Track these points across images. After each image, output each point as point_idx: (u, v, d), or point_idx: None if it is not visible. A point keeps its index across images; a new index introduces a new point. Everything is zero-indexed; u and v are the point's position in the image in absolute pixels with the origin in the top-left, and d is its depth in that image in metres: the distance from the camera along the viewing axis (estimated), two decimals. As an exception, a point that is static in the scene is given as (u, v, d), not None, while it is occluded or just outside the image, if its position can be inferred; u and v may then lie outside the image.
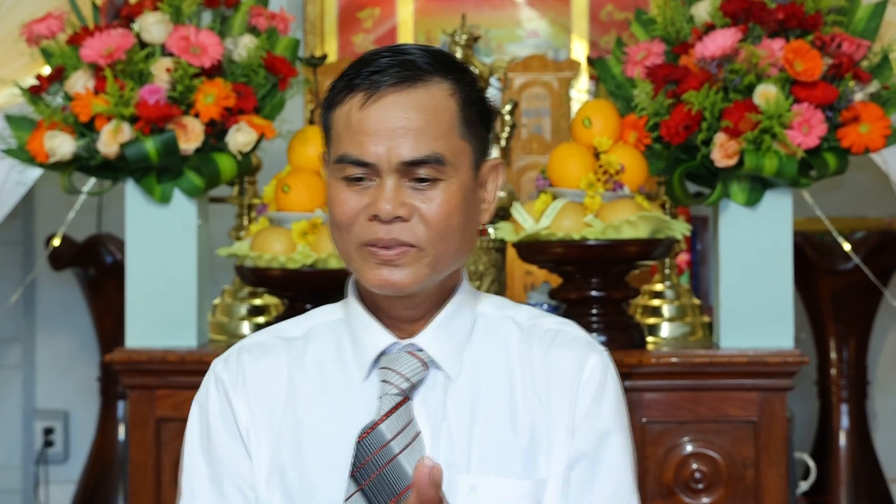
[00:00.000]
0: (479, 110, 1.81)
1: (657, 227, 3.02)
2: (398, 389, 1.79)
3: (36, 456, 5.12)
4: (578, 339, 1.87)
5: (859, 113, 2.95)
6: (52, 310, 5.19)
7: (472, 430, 1.79)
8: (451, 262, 1.80)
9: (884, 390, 5.10)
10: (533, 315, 1.90)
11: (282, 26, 3.22)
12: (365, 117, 1.75)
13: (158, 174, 3.11)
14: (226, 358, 1.91)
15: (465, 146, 1.78)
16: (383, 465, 1.77)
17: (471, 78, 1.82)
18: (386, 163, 1.74)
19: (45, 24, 3.16)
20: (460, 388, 1.81)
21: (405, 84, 1.75)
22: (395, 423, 1.78)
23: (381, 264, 1.77)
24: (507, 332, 1.86)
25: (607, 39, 4.92)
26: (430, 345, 1.82)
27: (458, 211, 1.76)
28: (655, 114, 3.02)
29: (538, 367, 1.83)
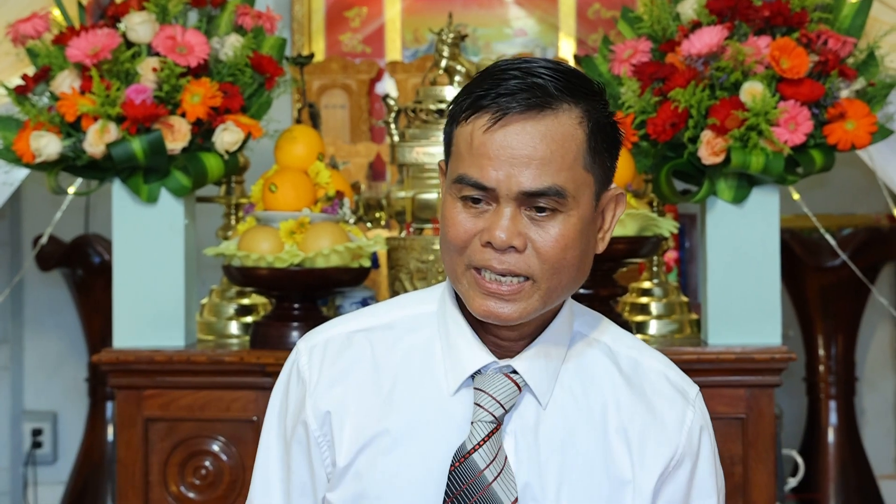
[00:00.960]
0: (607, 138, 1.74)
1: (645, 224, 3.02)
2: (492, 417, 1.74)
3: (24, 457, 5.12)
4: (673, 384, 1.84)
5: (845, 110, 2.95)
6: (40, 310, 5.18)
7: (562, 464, 1.76)
8: (564, 293, 1.74)
9: (872, 387, 5.11)
10: (629, 346, 1.86)
11: (268, 25, 3.22)
12: (489, 141, 1.69)
13: (145, 174, 3.11)
14: (310, 350, 1.84)
15: (589, 178, 1.72)
16: (477, 493, 1.73)
17: (602, 103, 1.75)
18: (505, 189, 1.68)
19: (31, 23, 3.16)
20: (552, 417, 1.77)
21: (534, 111, 1.69)
22: (488, 452, 1.74)
23: (489, 295, 1.71)
24: (600, 359, 1.82)
25: (595, 37, 4.93)
26: (527, 368, 1.77)
27: (574, 245, 1.70)
28: (642, 111, 3.03)
29: (633, 409, 1.80)
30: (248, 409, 3.06)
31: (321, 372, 1.81)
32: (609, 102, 1.78)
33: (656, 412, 1.80)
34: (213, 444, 3.08)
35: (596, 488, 1.76)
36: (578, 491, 1.75)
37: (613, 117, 1.77)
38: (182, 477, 3.08)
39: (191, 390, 3.08)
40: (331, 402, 1.80)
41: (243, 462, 3.07)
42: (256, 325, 3.17)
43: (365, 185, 3.66)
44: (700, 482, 1.82)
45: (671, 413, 1.81)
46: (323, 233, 3.07)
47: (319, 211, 3.12)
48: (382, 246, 3.18)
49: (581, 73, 1.76)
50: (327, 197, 3.13)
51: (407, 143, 3.32)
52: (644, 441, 1.78)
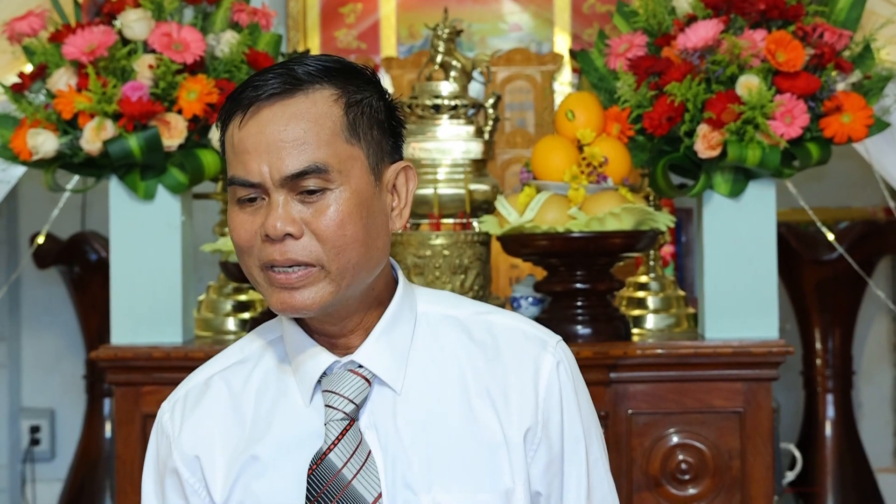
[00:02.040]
0: (374, 113, 1.73)
1: (641, 218, 3.02)
2: (342, 414, 1.72)
3: (22, 454, 5.12)
4: (530, 336, 1.80)
5: (841, 103, 2.95)
6: (37, 308, 5.18)
7: (428, 445, 1.73)
8: (357, 274, 1.70)
9: (869, 380, 5.12)
10: (478, 311, 1.82)
11: (264, 22, 3.22)
12: (245, 136, 1.68)
13: (142, 171, 3.11)
14: (172, 407, 1.85)
15: (355, 151, 1.69)
16: (338, 493, 1.71)
17: (362, 80, 1.74)
18: (270, 180, 1.67)
19: (27, 21, 3.15)
20: (409, 402, 1.75)
21: (282, 96, 1.68)
22: (344, 449, 1.72)
23: (282, 288, 1.69)
24: (451, 333, 1.79)
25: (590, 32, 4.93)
26: (370, 360, 1.74)
27: (352, 219, 1.68)
28: (638, 105, 3.03)
29: (491, 370, 1.77)
30: (247, 406, 3.06)
31: (182, 422, 1.82)
32: (380, 83, 1.77)
33: (514, 365, 1.77)
34: (212, 440, 3.08)
35: (470, 460, 1.73)
36: (450, 466, 1.72)
37: (388, 97, 1.76)
38: (180, 473, 3.08)
39: (189, 387, 3.07)
40: (196, 447, 1.80)
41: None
42: (254, 321, 3.17)
43: (361, 180, 3.66)
44: (570, 435, 1.79)
45: (529, 362, 1.77)
46: (320, 229, 3.06)
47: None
48: (379, 241, 3.18)
49: (343, 59, 1.76)
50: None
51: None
52: (507, 396, 1.75)
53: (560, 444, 1.77)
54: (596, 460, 1.81)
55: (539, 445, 1.76)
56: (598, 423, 1.84)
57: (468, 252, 3.27)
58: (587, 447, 1.80)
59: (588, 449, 1.80)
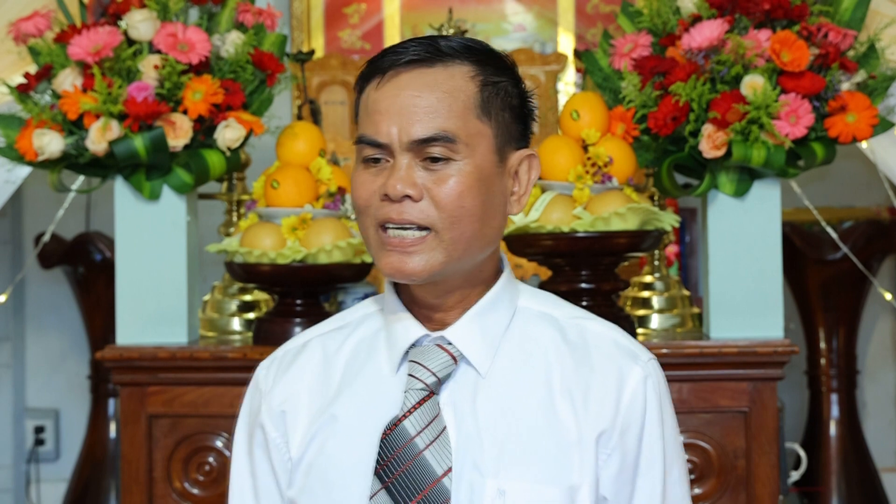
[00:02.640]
0: (507, 97, 1.77)
1: (646, 218, 3.03)
2: (423, 384, 1.76)
3: (27, 454, 5.12)
4: (621, 346, 1.82)
5: (846, 102, 2.96)
6: (42, 308, 5.19)
7: (502, 431, 1.75)
8: (469, 248, 1.74)
9: (873, 379, 5.12)
10: (576, 315, 1.85)
11: (269, 22, 3.22)
12: (380, 96, 1.74)
13: (147, 171, 3.11)
14: (269, 364, 1.92)
15: (484, 128, 1.74)
16: (408, 461, 1.74)
17: (499, 65, 1.78)
18: (398, 142, 1.72)
19: (33, 22, 3.16)
20: (492, 386, 1.77)
21: (423, 63, 1.73)
22: (419, 419, 1.75)
23: (393, 250, 1.73)
24: (546, 330, 1.82)
25: (594, 32, 4.93)
26: (460, 338, 1.78)
27: (471, 193, 1.72)
28: (643, 105, 3.03)
29: (577, 372, 1.79)
30: (252, 405, 3.06)
31: (275, 379, 1.88)
32: (516, 71, 1.81)
33: (601, 371, 1.79)
34: (217, 440, 3.09)
35: (541, 453, 1.74)
36: (521, 455, 1.74)
37: (522, 85, 1.81)
38: (186, 473, 3.09)
39: (194, 386, 3.08)
40: (284, 403, 1.86)
41: (247, 458, 3.07)
42: (259, 322, 3.17)
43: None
44: (648, 449, 1.80)
45: (616, 372, 1.79)
46: (325, 229, 3.07)
47: (321, 207, 3.12)
48: (384, 241, 3.18)
49: (485, 43, 1.79)
50: (329, 193, 3.14)
51: (408, 138, 3.32)
52: (588, 398, 1.77)
53: (635, 456, 1.78)
54: (674, 483, 1.82)
55: (613, 451, 1.77)
56: (681, 449, 1.85)
57: (473, 252, 3.27)
58: (666, 467, 1.81)
59: (667, 469, 1.81)
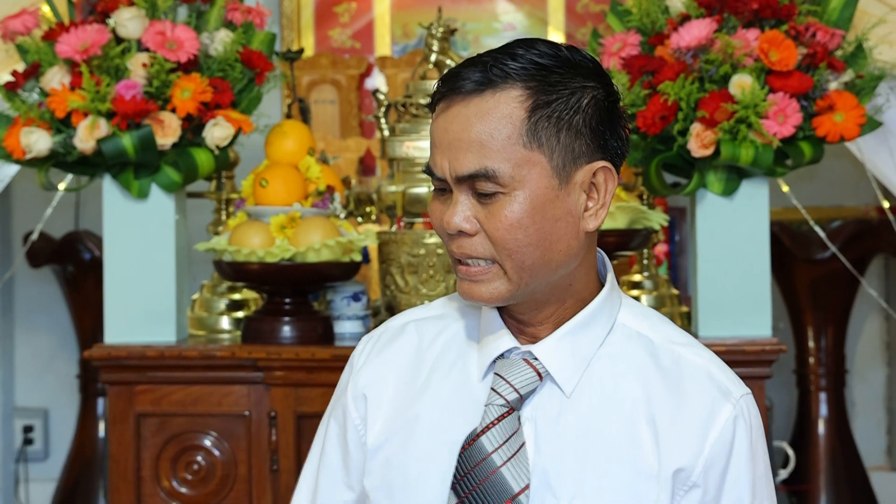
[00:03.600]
0: (567, 113, 1.67)
1: (635, 217, 3.03)
2: (504, 400, 1.72)
3: (16, 454, 5.11)
4: (715, 380, 1.75)
5: (834, 102, 2.96)
6: (31, 307, 5.18)
7: (581, 454, 1.72)
8: (536, 274, 1.70)
9: (861, 379, 5.13)
10: (673, 339, 1.78)
11: (258, 21, 3.22)
12: (435, 128, 1.71)
13: (136, 170, 3.11)
14: (367, 339, 1.89)
15: (534, 155, 1.66)
16: (483, 478, 1.71)
17: (561, 79, 1.69)
18: (450, 177, 1.68)
19: (20, 20, 3.15)
20: (576, 406, 1.73)
21: (474, 93, 1.67)
22: (497, 435, 1.72)
23: (464, 278, 1.72)
24: (639, 353, 1.76)
25: (584, 32, 4.93)
26: (548, 355, 1.74)
27: (523, 225, 1.66)
28: (632, 104, 3.03)
29: (665, 401, 1.74)
30: (240, 404, 3.06)
31: (368, 358, 1.86)
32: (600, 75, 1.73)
33: (690, 405, 1.73)
34: (205, 438, 3.09)
35: (618, 479, 1.71)
36: (598, 481, 1.71)
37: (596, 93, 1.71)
38: (174, 472, 3.09)
39: (182, 385, 3.08)
40: (369, 385, 1.83)
41: (235, 457, 3.08)
42: (248, 320, 3.17)
43: (355, 180, 3.67)
44: (730, 490, 1.74)
45: (705, 407, 1.73)
46: (314, 227, 3.07)
47: (310, 206, 3.12)
48: (373, 240, 3.19)
49: (563, 50, 1.71)
50: (318, 192, 3.14)
51: (397, 137, 3.33)
52: (673, 430, 1.72)
53: (715, 496, 1.74)
54: None
55: (692, 489, 1.73)
56: (771, 491, 1.79)
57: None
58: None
59: None
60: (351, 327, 3.25)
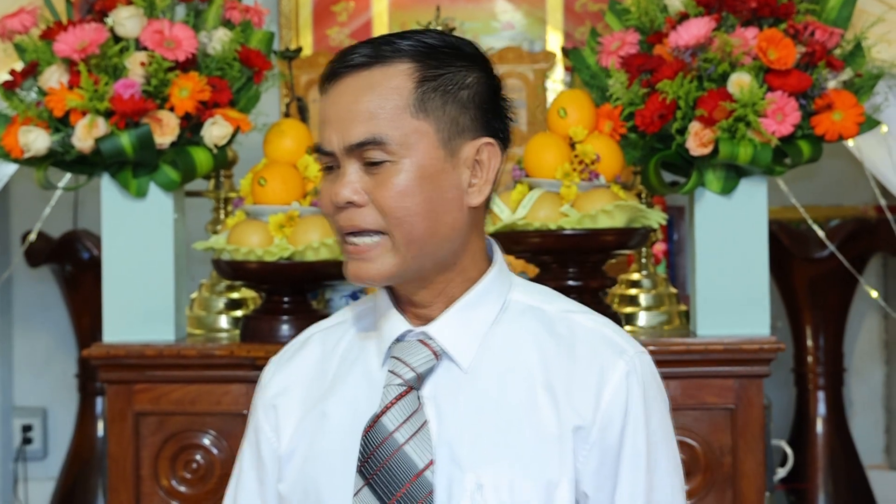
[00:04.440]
0: (454, 88, 1.74)
1: (633, 216, 3.03)
2: (401, 380, 1.76)
3: (14, 453, 5.11)
4: (608, 341, 1.80)
5: (833, 100, 2.96)
6: (29, 307, 5.18)
7: (482, 425, 1.75)
8: (424, 247, 1.73)
9: (860, 377, 5.13)
10: (568, 309, 1.83)
11: (256, 19, 3.22)
12: (324, 105, 1.76)
13: (134, 168, 3.11)
14: (274, 358, 1.94)
15: (422, 125, 1.71)
16: (388, 456, 1.74)
17: (448, 57, 1.75)
18: (339, 149, 1.73)
19: (18, 18, 3.15)
20: (474, 380, 1.77)
21: (363, 66, 1.73)
22: (397, 414, 1.75)
23: (352, 257, 1.75)
24: (533, 324, 1.80)
25: (582, 31, 4.94)
26: (442, 334, 1.78)
27: (412, 192, 1.71)
28: (630, 103, 3.03)
29: (560, 366, 1.77)
30: (239, 403, 3.06)
31: (274, 373, 1.91)
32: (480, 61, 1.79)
33: (584, 366, 1.77)
34: (204, 437, 3.09)
35: (520, 445, 1.74)
36: (501, 450, 1.74)
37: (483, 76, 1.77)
38: (173, 471, 3.09)
39: (181, 384, 3.08)
40: (278, 395, 1.88)
41: (234, 455, 3.04)
42: (246, 319, 3.17)
43: (354, 178, 3.66)
44: (630, 445, 1.77)
45: (599, 366, 1.76)
46: (312, 226, 3.07)
47: (308, 204, 3.12)
48: (371, 239, 3.18)
49: (448, 37, 1.78)
50: (316, 190, 3.14)
51: (395, 136, 3.32)
52: (569, 392, 1.75)
53: (616, 452, 1.77)
54: (662, 478, 1.80)
55: (593, 447, 1.76)
56: (671, 444, 1.83)
57: (460, 249, 3.27)
58: (650, 462, 1.78)
59: (652, 465, 1.78)
60: (349, 326, 3.24)
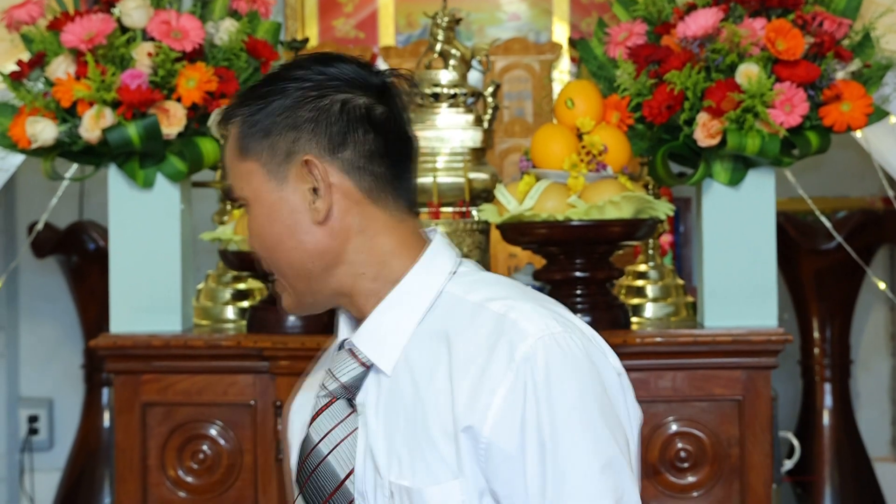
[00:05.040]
0: (261, 120, 1.76)
1: (640, 207, 3.02)
2: (326, 391, 1.77)
3: (21, 444, 5.12)
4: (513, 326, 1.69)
5: (841, 91, 2.95)
6: (36, 297, 5.18)
7: (395, 428, 1.72)
8: (298, 274, 1.76)
9: (866, 369, 5.13)
10: (492, 297, 1.74)
11: (263, 10, 3.22)
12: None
13: (141, 159, 3.11)
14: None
15: (250, 164, 1.77)
16: (314, 467, 1.76)
17: (257, 93, 1.79)
18: None
19: (26, 9, 3.15)
20: (395, 384, 1.74)
21: (224, 138, 1.89)
22: (322, 425, 1.76)
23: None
24: (457, 317, 1.74)
25: (588, 21, 4.93)
26: (363, 342, 1.77)
27: (262, 229, 1.77)
28: (638, 94, 3.03)
29: (464, 358, 1.70)
30: (246, 394, 3.06)
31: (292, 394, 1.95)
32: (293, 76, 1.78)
33: (481, 357, 1.68)
34: (211, 428, 3.09)
35: (425, 446, 1.70)
36: (411, 452, 1.71)
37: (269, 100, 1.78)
38: (180, 461, 3.09)
39: (188, 375, 3.08)
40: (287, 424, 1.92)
41: (241, 446, 3.08)
42: (253, 310, 3.17)
43: (360, 169, 3.66)
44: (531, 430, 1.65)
45: (494, 355, 1.67)
46: (319, 217, 3.06)
47: (315, 195, 3.11)
48: (379, 230, 3.18)
49: (275, 70, 1.84)
50: (323, 181, 3.13)
51: (402, 127, 3.32)
52: (464, 389, 1.68)
53: (519, 445, 1.66)
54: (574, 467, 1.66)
55: (489, 446, 1.67)
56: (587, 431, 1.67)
57: (467, 240, 3.27)
58: (556, 453, 1.65)
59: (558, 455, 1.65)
60: (356, 317, 3.24)
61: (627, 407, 1.77)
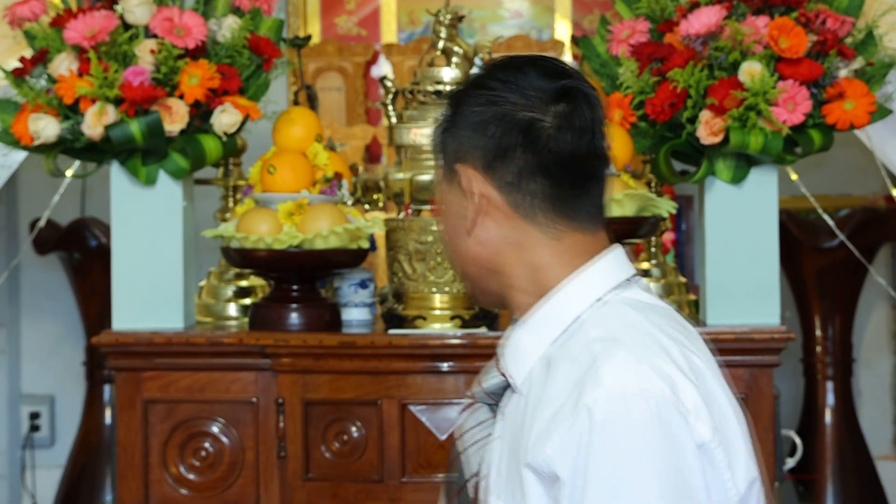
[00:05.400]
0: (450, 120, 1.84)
1: (643, 205, 3.02)
2: (471, 392, 1.83)
3: (22, 441, 5.12)
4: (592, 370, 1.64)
5: (844, 89, 2.95)
6: (37, 294, 5.18)
7: (501, 450, 1.75)
8: (465, 270, 1.84)
9: (868, 367, 5.13)
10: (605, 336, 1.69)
11: (265, 7, 3.21)
12: None
13: (143, 156, 3.11)
14: None
15: (438, 160, 1.85)
16: (453, 460, 1.84)
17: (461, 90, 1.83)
18: None
19: (28, 6, 3.15)
20: (519, 400, 1.75)
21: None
22: (465, 425, 1.83)
23: None
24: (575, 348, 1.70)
25: (590, 19, 4.93)
26: (505, 354, 1.79)
27: (441, 222, 1.88)
28: (640, 92, 3.02)
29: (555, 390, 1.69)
30: (248, 391, 3.06)
31: None
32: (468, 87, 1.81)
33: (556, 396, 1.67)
34: (213, 425, 3.09)
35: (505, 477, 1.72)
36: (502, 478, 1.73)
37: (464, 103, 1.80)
38: (182, 458, 3.09)
39: (190, 372, 3.08)
40: None
41: (243, 443, 3.07)
42: (255, 307, 3.17)
43: (362, 167, 3.66)
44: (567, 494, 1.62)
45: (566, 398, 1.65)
46: (321, 214, 3.07)
47: (318, 192, 3.12)
48: (381, 227, 3.18)
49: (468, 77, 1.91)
50: (326, 178, 3.13)
51: (404, 124, 3.32)
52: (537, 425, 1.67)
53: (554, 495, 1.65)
54: None
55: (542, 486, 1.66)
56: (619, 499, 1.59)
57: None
58: None
59: None
60: (358, 314, 3.25)
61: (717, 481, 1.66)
